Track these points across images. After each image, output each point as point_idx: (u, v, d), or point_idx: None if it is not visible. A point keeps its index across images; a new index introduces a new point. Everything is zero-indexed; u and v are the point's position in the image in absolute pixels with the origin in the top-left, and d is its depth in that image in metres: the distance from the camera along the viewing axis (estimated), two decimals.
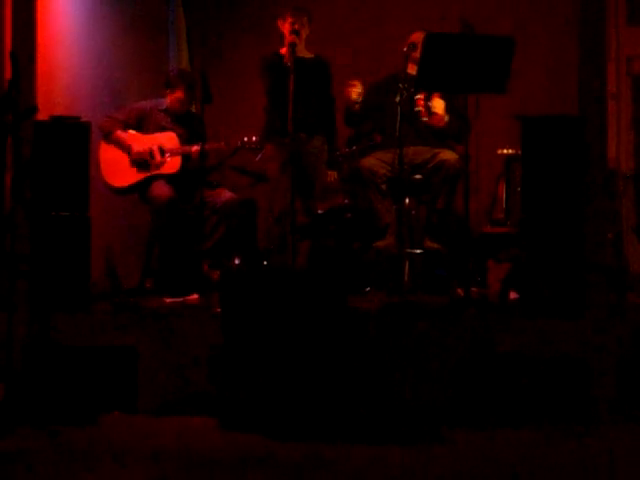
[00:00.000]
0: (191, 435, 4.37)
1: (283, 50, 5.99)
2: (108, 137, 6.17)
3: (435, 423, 4.39)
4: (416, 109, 6.07)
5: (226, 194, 6.18)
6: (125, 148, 6.15)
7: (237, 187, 6.69)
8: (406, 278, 5.80)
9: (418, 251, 5.97)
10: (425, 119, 6.08)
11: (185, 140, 6.21)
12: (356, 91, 6.08)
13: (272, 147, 6.11)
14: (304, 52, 6.11)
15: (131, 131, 6.22)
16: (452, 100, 6.01)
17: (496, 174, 6.74)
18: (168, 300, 5.67)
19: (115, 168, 6.14)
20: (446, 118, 6.05)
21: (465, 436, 4.29)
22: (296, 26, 5.98)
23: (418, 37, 5.84)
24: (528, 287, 5.03)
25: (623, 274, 5.90)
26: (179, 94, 6.28)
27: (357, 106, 6.13)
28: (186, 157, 6.17)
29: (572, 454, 4.03)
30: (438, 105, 6.03)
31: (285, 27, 6.01)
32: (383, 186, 6.02)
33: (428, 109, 6.08)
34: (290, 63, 5.72)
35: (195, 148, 6.04)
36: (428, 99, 6.09)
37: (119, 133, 6.18)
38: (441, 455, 4.03)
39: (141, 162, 6.14)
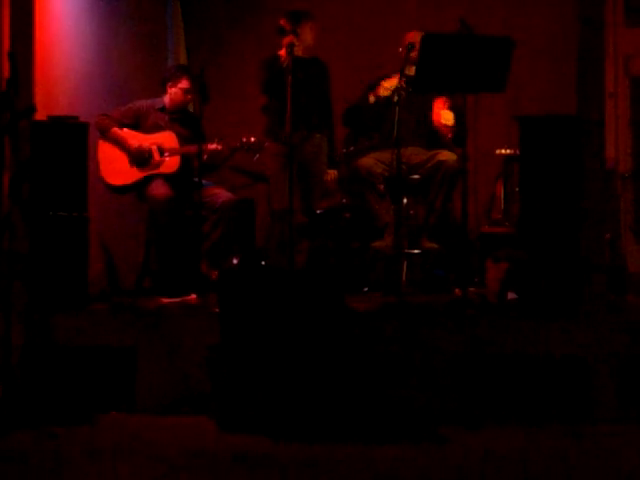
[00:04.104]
0: (189, 435, 4.37)
1: (282, 52, 5.98)
2: (105, 134, 6.15)
3: (435, 423, 4.39)
4: (435, 117, 6.06)
5: (224, 194, 6.17)
6: (123, 145, 6.14)
7: (236, 187, 6.70)
8: (404, 278, 5.80)
9: (416, 251, 5.97)
10: (439, 126, 6.07)
11: (184, 140, 6.20)
12: (388, 87, 6.02)
13: (272, 146, 6.11)
14: (301, 53, 6.11)
15: (126, 129, 6.20)
16: (457, 110, 6.01)
17: (494, 174, 6.74)
18: (166, 300, 5.66)
19: (114, 167, 6.13)
20: (453, 130, 6.05)
21: (465, 436, 4.29)
22: (299, 28, 5.99)
23: (415, 37, 5.84)
24: (526, 287, 5.04)
25: (621, 274, 5.90)
26: (184, 84, 6.26)
27: (372, 100, 6.09)
28: (185, 157, 6.16)
29: (572, 454, 4.03)
30: (448, 117, 6.03)
31: (291, 27, 5.98)
32: (381, 186, 6.01)
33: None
34: (288, 63, 5.72)
35: (194, 149, 6.01)
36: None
37: (116, 130, 6.16)
38: (441, 455, 4.03)
39: (141, 159, 6.12)
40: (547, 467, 3.87)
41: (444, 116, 6.03)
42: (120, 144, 6.14)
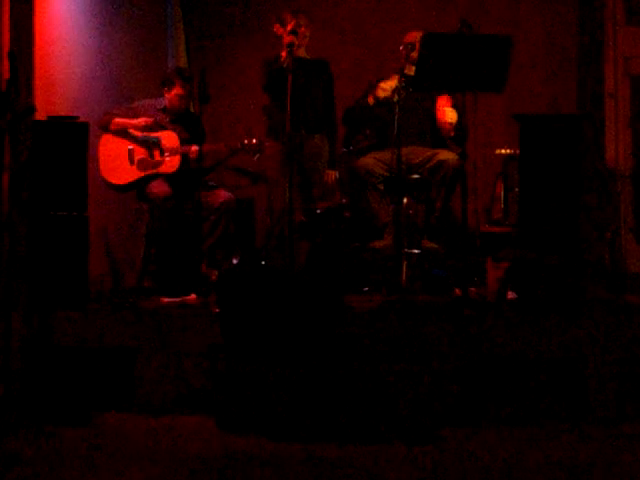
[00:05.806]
0: (189, 435, 4.36)
1: (283, 53, 5.99)
2: (108, 127, 6.16)
3: (434, 423, 4.39)
4: (439, 115, 6.05)
5: (224, 194, 6.18)
6: (128, 131, 6.13)
7: (235, 187, 6.70)
8: (404, 278, 5.79)
9: (416, 251, 5.96)
10: (442, 124, 6.06)
11: (185, 140, 6.21)
12: (387, 88, 6.01)
13: (272, 146, 6.12)
14: (304, 54, 6.12)
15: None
16: (458, 109, 6.00)
17: (494, 174, 6.74)
18: (166, 300, 5.67)
19: (114, 166, 6.14)
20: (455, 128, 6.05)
21: (465, 436, 4.29)
22: (293, 26, 6.00)
23: (415, 37, 5.85)
24: (526, 287, 5.04)
25: (621, 274, 5.90)
26: (178, 90, 6.28)
27: (371, 101, 6.10)
28: (185, 157, 6.17)
29: (572, 454, 4.03)
30: (453, 115, 6.02)
31: (284, 28, 6.00)
32: (381, 186, 6.01)
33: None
34: (288, 63, 5.73)
35: (194, 149, 6.03)
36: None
37: (118, 119, 6.17)
38: (440, 455, 4.03)
39: (147, 144, 6.13)
40: (547, 467, 3.87)
41: (448, 114, 6.03)
42: (125, 132, 6.15)
